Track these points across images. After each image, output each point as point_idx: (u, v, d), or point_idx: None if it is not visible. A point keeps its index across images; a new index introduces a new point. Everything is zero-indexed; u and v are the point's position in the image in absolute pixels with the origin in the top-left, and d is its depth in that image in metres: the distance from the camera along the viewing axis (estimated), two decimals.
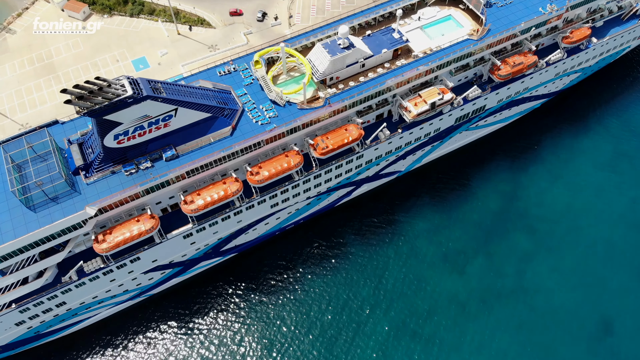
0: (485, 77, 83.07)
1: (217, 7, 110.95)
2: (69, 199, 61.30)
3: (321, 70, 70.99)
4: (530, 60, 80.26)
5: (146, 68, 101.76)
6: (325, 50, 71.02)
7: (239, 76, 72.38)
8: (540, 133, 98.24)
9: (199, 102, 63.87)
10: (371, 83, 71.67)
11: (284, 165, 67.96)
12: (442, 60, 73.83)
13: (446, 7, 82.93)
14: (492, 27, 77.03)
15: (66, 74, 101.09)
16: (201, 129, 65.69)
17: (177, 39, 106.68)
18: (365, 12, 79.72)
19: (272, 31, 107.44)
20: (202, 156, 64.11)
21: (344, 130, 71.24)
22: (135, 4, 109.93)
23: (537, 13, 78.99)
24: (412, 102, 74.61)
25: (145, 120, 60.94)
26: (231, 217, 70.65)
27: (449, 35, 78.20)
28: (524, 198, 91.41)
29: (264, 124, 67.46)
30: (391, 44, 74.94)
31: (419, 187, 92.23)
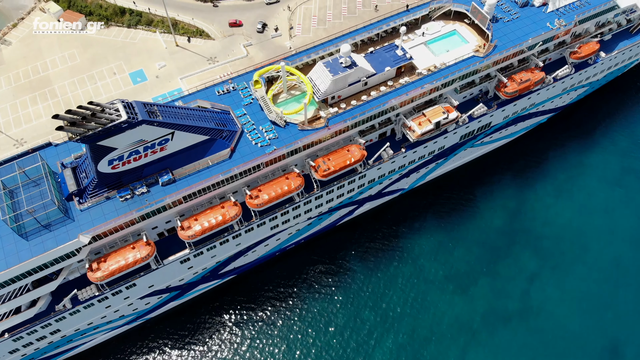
0: (491, 93, 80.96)
1: (216, 18, 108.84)
2: (62, 226, 59.32)
3: (322, 90, 68.94)
4: (537, 77, 78.08)
5: (144, 81, 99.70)
6: (326, 69, 68.94)
7: (238, 95, 70.33)
8: (546, 148, 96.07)
9: (196, 124, 61.86)
10: (374, 103, 69.61)
11: (284, 188, 65.94)
12: (447, 78, 71.74)
13: (451, 22, 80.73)
14: (499, 43, 74.82)
15: (62, 88, 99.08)
16: (199, 152, 63.68)
17: (176, 50, 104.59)
18: (367, 28, 77.53)
19: (273, 43, 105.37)
20: (200, 181, 62.13)
21: (346, 151, 69.19)
22: (132, 14, 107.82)
23: (544, 28, 76.84)
24: (416, 121, 72.51)
25: (141, 145, 58.94)
26: (230, 241, 68.68)
27: (454, 52, 76.06)
28: (530, 215, 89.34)
29: (263, 146, 65.40)
30: (394, 62, 72.81)
31: (422, 204, 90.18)
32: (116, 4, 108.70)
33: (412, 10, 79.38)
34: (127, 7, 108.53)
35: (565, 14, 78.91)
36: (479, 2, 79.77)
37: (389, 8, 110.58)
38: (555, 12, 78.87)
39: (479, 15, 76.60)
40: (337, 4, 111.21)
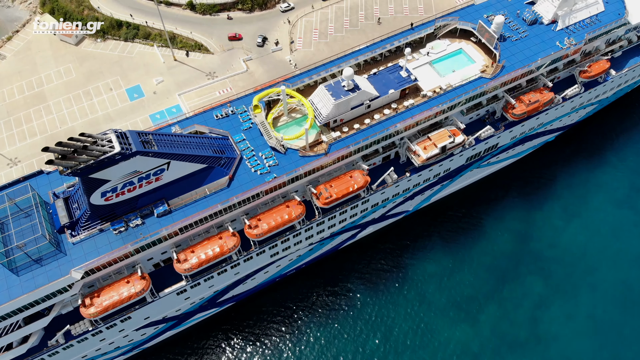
0: (498, 114, 78.46)
1: (215, 32, 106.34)
2: (53, 260, 56.96)
3: (324, 114, 66.46)
4: (546, 98, 75.55)
5: (141, 97, 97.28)
6: (328, 93, 66.44)
7: (237, 120, 67.88)
8: (554, 166, 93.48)
9: (193, 153, 59.43)
10: (377, 128, 67.12)
11: (285, 217, 63.54)
12: (454, 101, 69.29)
13: (457, 40, 78.08)
14: (507, 63, 72.23)
15: (57, 104, 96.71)
16: (196, 181, 61.29)
17: (174, 65, 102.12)
18: (371, 48, 74.96)
19: (273, 57, 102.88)
20: (197, 212, 59.72)
21: (348, 177, 66.74)
22: (129, 27, 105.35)
23: (554, 48, 74.26)
24: (421, 145, 70.05)
25: (135, 176, 56.53)
26: (228, 271, 66.34)
27: (460, 72, 73.47)
28: (538, 238, 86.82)
29: (263, 174, 62.95)
30: (398, 84, 70.33)
31: (427, 226, 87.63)
32: (112, 17, 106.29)
33: (417, 29, 76.79)
34: (124, 20, 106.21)
35: (575, 32, 76.38)
36: (486, 21, 77.40)
37: (391, 21, 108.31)
38: (565, 31, 76.30)
39: (486, 34, 74.03)
40: (338, 17, 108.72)
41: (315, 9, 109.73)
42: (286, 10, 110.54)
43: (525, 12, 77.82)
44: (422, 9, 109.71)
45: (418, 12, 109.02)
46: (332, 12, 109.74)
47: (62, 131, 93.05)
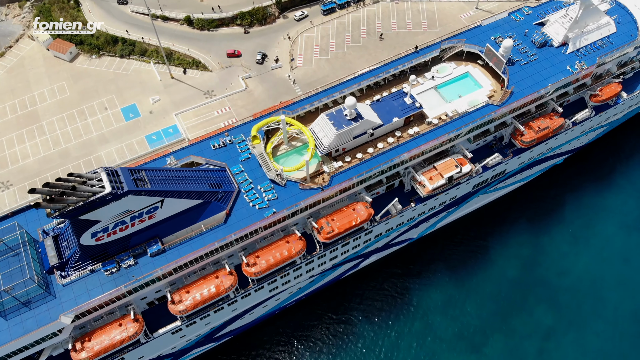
0: (506, 140, 75.66)
1: (213, 48, 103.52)
2: (43, 303, 54.23)
3: (326, 144, 63.67)
4: (556, 124, 72.78)
5: (137, 117, 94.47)
6: (330, 122, 63.67)
7: (235, 150, 65.10)
8: (562, 190, 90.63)
9: (188, 189, 56.71)
10: (381, 159, 64.37)
11: (284, 254, 60.83)
12: (460, 130, 66.56)
13: (463, 63, 75.37)
14: (516, 89, 69.44)
15: (50, 124, 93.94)
16: (191, 217, 58.55)
17: (171, 83, 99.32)
18: (374, 73, 72.01)
19: (273, 75, 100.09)
20: (192, 251, 57.04)
21: (351, 210, 63.96)
22: (125, 44, 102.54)
23: (564, 72, 71.46)
24: (427, 175, 67.32)
25: (127, 215, 53.84)
26: (225, 308, 63.70)
27: (466, 98, 70.72)
28: (545, 265, 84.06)
29: (262, 208, 60.25)
30: (403, 111, 67.58)
31: (432, 251, 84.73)
32: (108, 33, 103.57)
33: (422, 53, 73.99)
34: (120, 36, 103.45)
35: (587, 55, 73.57)
36: (493, 43, 74.64)
37: (394, 37, 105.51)
38: (576, 54, 73.51)
39: (494, 58, 71.25)
40: (340, 33, 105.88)
41: (315, 24, 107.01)
42: (301, 19, 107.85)
43: (535, 34, 75.04)
44: (426, 24, 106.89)
45: (421, 27, 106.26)
46: (333, 28, 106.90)
47: (56, 153, 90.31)
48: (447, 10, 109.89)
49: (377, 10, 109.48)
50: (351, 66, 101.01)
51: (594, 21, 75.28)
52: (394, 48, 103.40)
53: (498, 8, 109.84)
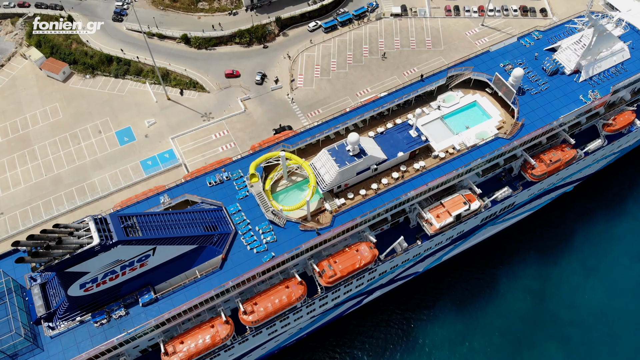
0: (516, 171, 72.41)
1: (211, 67, 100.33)
2: (30, 356, 51.17)
3: (327, 182, 60.50)
4: (568, 156, 69.65)
5: (131, 141, 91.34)
6: (332, 159, 60.49)
7: (232, 187, 61.96)
8: (572, 218, 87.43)
9: (182, 234, 53.59)
10: (386, 197, 61.17)
11: (284, 300, 57.64)
12: (469, 166, 63.44)
13: (470, 91, 72.23)
14: (526, 121, 66.23)
15: (43, 149, 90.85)
16: (185, 262, 55.39)
17: (167, 105, 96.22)
18: (378, 104, 68.62)
19: (272, 96, 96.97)
20: (187, 300, 53.87)
21: (354, 252, 60.88)
22: (120, 63, 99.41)
23: (577, 103, 68.32)
24: (434, 212, 64.15)
25: (117, 265, 50.84)
26: (221, 355, 60.64)
27: (474, 129, 67.47)
28: (555, 298, 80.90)
29: (260, 252, 57.12)
30: (408, 145, 64.41)
31: (438, 284, 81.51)
32: (102, 52, 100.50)
33: (428, 81, 70.69)
34: (114, 55, 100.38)
35: (600, 83, 70.40)
36: (502, 70, 71.45)
37: (397, 56, 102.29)
38: (589, 82, 70.31)
39: (504, 87, 68.06)
40: (341, 51, 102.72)
41: (315, 42, 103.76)
42: (314, 29, 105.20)
43: (546, 61, 71.87)
44: (430, 42, 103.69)
45: (425, 45, 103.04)
46: (334, 46, 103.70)
47: (48, 179, 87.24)
48: (452, 27, 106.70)
49: (379, 28, 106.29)
50: (353, 87, 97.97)
51: (608, 47, 72.11)
52: (397, 68, 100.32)
53: (504, 25, 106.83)
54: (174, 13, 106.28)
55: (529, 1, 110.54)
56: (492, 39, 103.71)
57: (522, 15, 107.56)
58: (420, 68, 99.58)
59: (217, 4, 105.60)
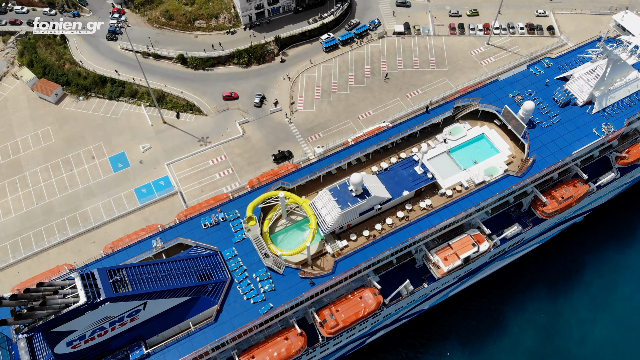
0: (526, 207, 69.42)
1: (208, 89, 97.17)
2: None
3: (329, 223, 57.37)
4: (580, 192, 66.52)
5: (126, 167, 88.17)
6: (334, 199, 57.36)
7: (229, 229, 58.84)
8: (581, 249, 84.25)
9: (174, 286, 50.62)
10: (391, 240, 57.95)
11: (282, 353, 54.50)
12: (478, 206, 60.39)
13: (478, 123, 69.15)
14: (537, 157, 63.12)
15: (34, 175, 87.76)
16: (178, 314, 52.32)
17: (163, 128, 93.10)
18: (382, 138, 65.34)
19: (272, 119, 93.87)
20: (180, 357, 50.85)
21: (357, 299, 57.75)
22: (114, 84, 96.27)
23: (590, 137, 65.16)
24: (442, 255, 61.02)
25: (106, 321, 47.86)
26: None
27: (482, 164, 64.35)
28: (565, 333, 77.89)
29: (257, 302, 54.08)
30: (413, 183, 61.36)
31: (444, 318, 78.35)
32: (96, 72, 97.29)
33: (434, 113, 67.62)
34: (109, 76, 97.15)
35: (614, 115, 67.30)
36: (511, 101, 68.32)
37: (400, 77, 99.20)
38: (602, 114, 67.24)
39: (513, 121, 64.96)
40: (342, 72, 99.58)
41: (315, 62, 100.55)
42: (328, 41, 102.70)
43: (557, 91, 68.82)
44: (434, 61, 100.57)
45: (429, 65, 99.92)
46: (335, 67, 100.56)
47: (39, 208, 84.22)
48: (457, 46, 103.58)
49: (381, 47, 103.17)
50: (355, 109, 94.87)
51: (622, 77, 69.02)
52: (400, 89, 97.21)
53: (511, 43, 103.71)
54: (170, 32, 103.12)
55: (536, 19, 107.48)
56: (498, 59, 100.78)
57: (528, 33, 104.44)
58: (424, 90, 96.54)
59: (215, 23, 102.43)
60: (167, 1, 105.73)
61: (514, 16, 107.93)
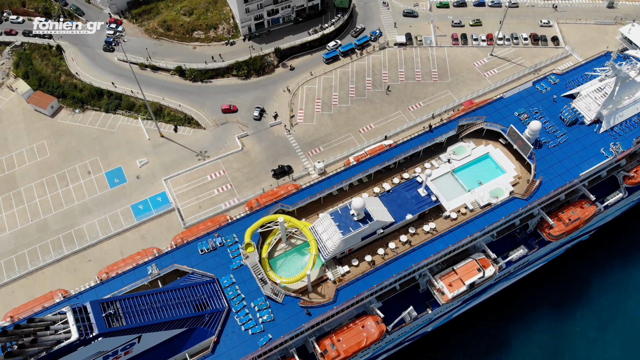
0: (531, 228, 67.76)
1: (207, 102, 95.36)
2: None
3: (330, 249, 55.65)
4: (588, 213, 64.82)
5: (122, 183, 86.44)
6: (335, 224, 55.61)
7: (226, 255, 57.11)
8: (586, 268, 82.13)
9: (170, 317, 49.03)
10: (395, 267, 56.30)
11: None
12: (483, 230, 58.70)
13: (482, 142, 67.47)
14: (544, 179, 61.42)
15: (29, 191, 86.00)
16: (174, 346, 50.49)
17: (160, 142, 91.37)
18: (384, 158, 63.60)
19: (271, 132, 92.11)
20: None
21: (359, 328, 56.01)
22: (111, 97, 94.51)
23: (598, 157, 63.38)
24: (446, 280, 59.24)
25: (99, 356, 46.15)
26: None
27: (488, 185, 62.69)
28: (570, 354, 75.84)
29: (255, 334, 52.32)
30: (417, 206, 59.59)
31: (448, 339, 76.40)
32: (92, 85, 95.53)
33: (437, 133, 65.91)
34: (105, 89, 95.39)
35: (622, 134, 65.52)
36: (517, 120, 66.59)
37: (402, 89, 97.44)
38: (610, 133, 65.52)
39: (519, 141, 63.21)
40: (343, 84, 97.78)
41: (316, 74, 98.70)
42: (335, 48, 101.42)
43: (564, 109, 67.09)
44: (437, 73, 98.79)
45: (432, 77, 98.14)
46: (336, 78, 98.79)
47: (34, 225, 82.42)
48: (460, 57, 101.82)
49: (383, 58, 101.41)
50: (356, 123, 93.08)
51: (630, 95, 67.36)
52: (401, 102, 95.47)
53: (514, 54, 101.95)
54: (168, 42, 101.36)
55: (540, 29, 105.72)
56: (501, 70, 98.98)
57: (532, 44, 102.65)
58: (426, 102, 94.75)
59: (214, 33, 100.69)
60: (165, 11, 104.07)
61: (518, 26, 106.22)
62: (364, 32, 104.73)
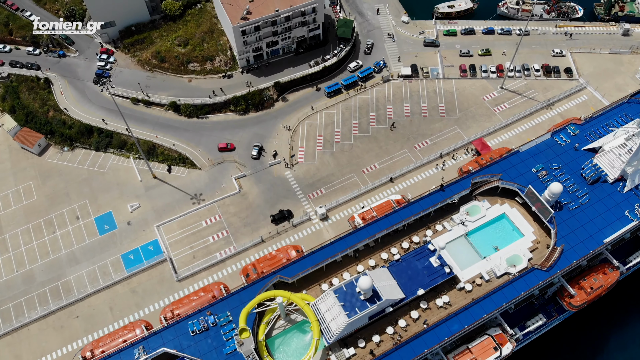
0: (550, 293, 63.02)
1: (202, 139, 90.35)
2: None
3: (334, 331, 50.90)
4: (611, 280, 60.27)
5: (112, 230, 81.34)
6: (339, 304, 50.98)
7: (219, 337, 52.23)
8: (604, 321, 77.81)
9: None
10: (405, 354, 51.28)
11: None
12: (501, 306, 53.99)
13: (498, 201, 62.76)
14: (566, 246, 56.85)
15: (14, 238, 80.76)
16: None
17: (153, 184, 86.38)
18: (393, 222, 58.76)
19: (270, 172, 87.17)
20: None
21: None
22: (101, 135, 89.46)
23: (623, 221, 58.68)
24: None
25: None
26: None
27: (504, 251, 58.06)
28: None
29: None
30: (430, 279, 54.82)
31: None
32: (81, 122, 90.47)
33: (449, 192, 61.21)
34: (95, 126, 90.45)
35: None
36: (534, 177, 61.82)
37: (407, 125, 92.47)
38: (635, 192, 60.87)
39: (538, 203, 58.53)
40: (346, 120, 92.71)
41: (317, 109, 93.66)
42: (355, 70, 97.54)
43: (585, 165, 62.39)
44: (444, 108, 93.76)
45: (439, 112, 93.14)
46: (338, 113, 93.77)
47: (19, 276, 77.21)
48: (468, 90, 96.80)
49: (387, 91, 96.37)
50: (359, 162, 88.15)
51: None
52: (407, 139, 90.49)
53: (526, 87, 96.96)
54: (162, 75, 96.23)
55: (552, 59, 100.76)
56: (512, 105, 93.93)
57: (544, 76, 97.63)
58: (433, 140, 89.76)
59: (210, 65, 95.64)
60: (159, 41, 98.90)
61: (529, 56, 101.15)
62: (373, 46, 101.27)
